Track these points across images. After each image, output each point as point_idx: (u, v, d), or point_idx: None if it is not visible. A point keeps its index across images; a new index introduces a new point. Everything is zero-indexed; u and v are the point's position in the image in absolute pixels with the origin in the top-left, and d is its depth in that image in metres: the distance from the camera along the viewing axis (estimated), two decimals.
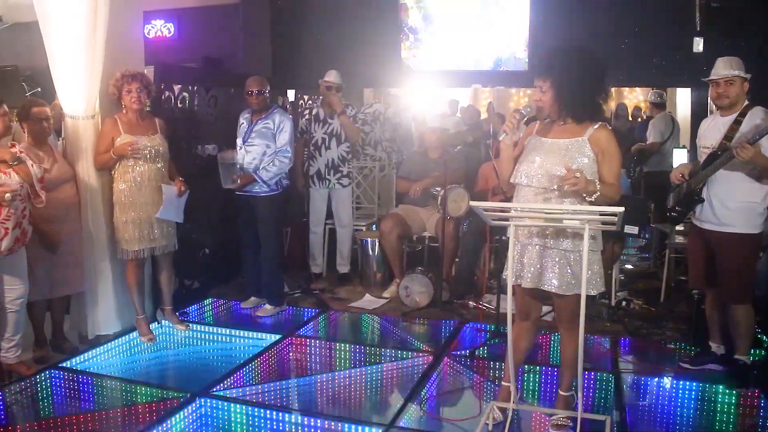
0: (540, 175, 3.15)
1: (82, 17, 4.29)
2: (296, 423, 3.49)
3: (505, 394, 3.47)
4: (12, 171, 3.76)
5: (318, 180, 5.99)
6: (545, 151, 3.20)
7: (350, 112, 6.01)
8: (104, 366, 4.35)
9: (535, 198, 3.17)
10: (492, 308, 5.21)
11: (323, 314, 5.31)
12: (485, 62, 8.06)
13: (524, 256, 3.23)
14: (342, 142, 5.99)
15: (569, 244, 3.13)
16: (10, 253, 3.81)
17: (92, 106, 4.51)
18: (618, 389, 3.92)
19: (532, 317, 3.46)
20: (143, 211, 4.49)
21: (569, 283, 3.15)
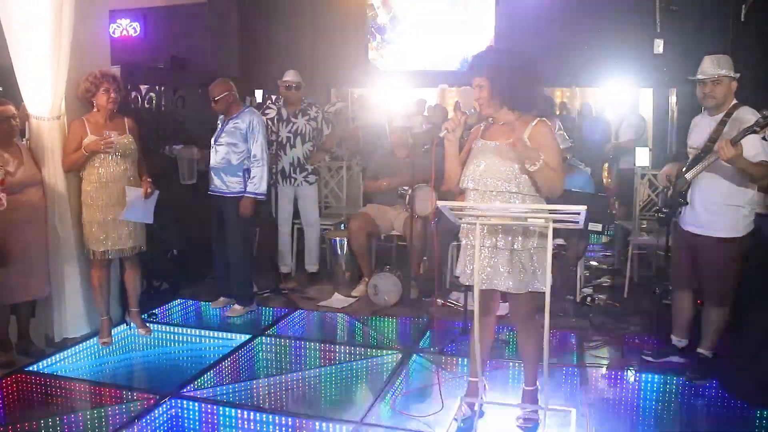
0: (486, 178, 3.23)
1: (47, 16, 4.23)
2: (267, 422, 3.51)
3: (473, 389, 3.54)
4: None
5: (283, 178, 6.00)
6: (490, 154, 3.27)
7: (313, 113, 6.05)
8: (72, 369, 4.32)
9: (482, 201, 3.24)
10: (459, 305, 5.29)
11: (293, 314, 5.32)
12: (452, 62, 8.15)
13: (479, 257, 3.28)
14: (306, 141, 6.02)
15: (519, 244, 3.20)
16: None
17: (58, 107, 4.46)
18: (584, 383, 4.01)
19: (492, 313, 3.53)
20: (109, 212, 4.46)
21: (521, 282, 3.22)
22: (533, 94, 3.33)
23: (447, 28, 7.97)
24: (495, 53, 3.35)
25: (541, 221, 3.08)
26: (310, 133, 6.03)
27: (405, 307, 5.37)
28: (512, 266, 3.21)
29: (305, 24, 8.18)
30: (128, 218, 4.49)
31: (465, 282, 3.40)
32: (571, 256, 5.34)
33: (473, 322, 3.29)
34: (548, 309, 3.06)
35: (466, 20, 7.96)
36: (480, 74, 3.21)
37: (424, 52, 8.13)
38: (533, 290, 3.25)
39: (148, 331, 4.83)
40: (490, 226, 3.18)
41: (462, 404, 3.50)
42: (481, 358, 3.41)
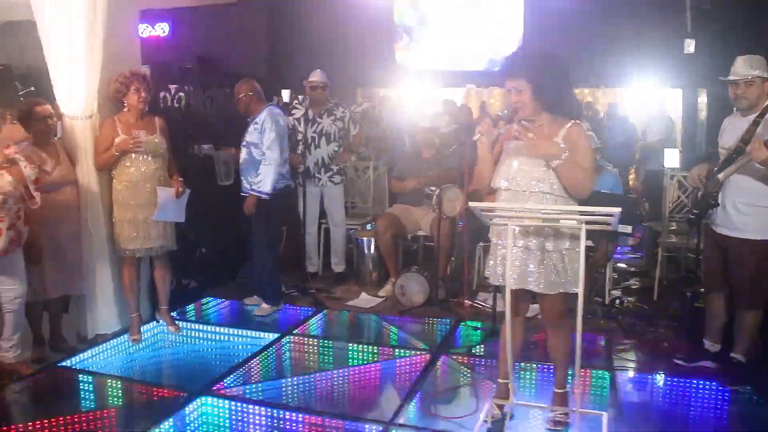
0: (518, 179, 3.21)
1: (81, 17, 4.29)
2: (296, 421, 3.52)
3: (502, 391, 3.52)
4: (5, 172, 3.77)
5: (308, 178, 6.02)
6: (522, 155, 3.24)
7: (340, 113, 6.06)
8: (103, 365, 4.36)
9: (515, 201, 3.22)
10: (487, 306, 5.27)
11: (320, 313, 5.34)
12: (479, 62, 8.12)
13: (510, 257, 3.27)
14: (332, 141, 6.03)
15: (551, 245, 3.18)
16: (5, 254, 3.83)
17: (90, 107, 4.51)
18: (613, 386, 3.98)
19: (521, 314, 3.51)
20: (140, 211, 4.50)
21: (553, 283, 3.20)
22: (570, 96, 3.30)
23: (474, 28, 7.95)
24: (533, 55, 3.29)
25: (573, 223, 3.06)
26: (335, 134, 6.04)
27: (432, 307, 5.36)
28: (544, 267, 3.19)
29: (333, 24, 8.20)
30: (160, 218, 4.53)
31: (495, 282, 3.39)
32: (600, 257, 5.29)
33: (503, 323, 3.28)
34: (581, 311, 3.04)
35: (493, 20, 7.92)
36: (519, 77, 3.18)
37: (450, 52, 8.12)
38: (564, 292, 3.23)
39: (177, 329, 4.88)
40: (522, 227, 3.17)
41: (492, 406, 3.48)
42: (511, 359, 3.39)
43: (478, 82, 8.84)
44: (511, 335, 3.33)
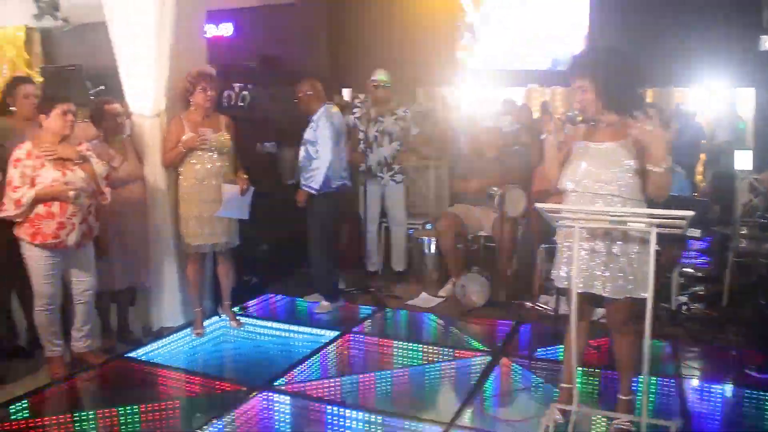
0: (586, 181, 3.14)
1: (150, 18, 4.39)
2: (356, 419, 3.52)
3: (565, 396, 3.45)
4: (78, 168, 3.89)
5: (370, 177, 6.03)
6: (590, 156, 3.18)
7: (401, 113, 6.05)
8: (167, 357, 4.46)
9: (582, 203, 3.15)
10: (549, 309, 5.18)
11: (380, 312, 5.34)
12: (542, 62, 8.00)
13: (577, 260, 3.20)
14: (394, 140, 6.03)
15: (619, 249, 3.10)
16: (77, 247, 3.96)
17: (158, 105, 4.62)
18: (681, 395, 3.85)
19: (586, 318, 3.44)
20: (205, 207, 4.58)
21: (622, 288, 3.12)
22: (637, 96, 3.23)
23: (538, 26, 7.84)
24: (599, 53, 3.21)
25: (641, 225, 2.98)
26: (397, 133, 6.04)
27: (493, 308, 5.30)
28: (611, 271, 3.12)
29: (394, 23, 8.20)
30: (225, 215, 4.60)
31: (560, 285, 3.32)
32: (666, 262, 5.14)
33: (567, 327, 3.21)
34: (650, 316, 2.96)
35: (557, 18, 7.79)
36: (584, 75, 3.11)
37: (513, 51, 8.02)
38: (631, 296, 3.14)
39: (239, 324, 4.95)
40: (589, 229, 3.10)
41: (554, 411, 3.42)
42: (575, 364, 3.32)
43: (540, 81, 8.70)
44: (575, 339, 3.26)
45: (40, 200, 3.77)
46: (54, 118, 3.84)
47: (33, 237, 3.80)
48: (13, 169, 3.76)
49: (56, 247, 3.84)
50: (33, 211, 3.78)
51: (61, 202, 3.80)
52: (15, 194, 3.73)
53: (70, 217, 3.84)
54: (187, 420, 3.64)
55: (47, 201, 3.78)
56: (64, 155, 3.87)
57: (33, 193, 3.74)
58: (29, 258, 3.88)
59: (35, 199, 3.75)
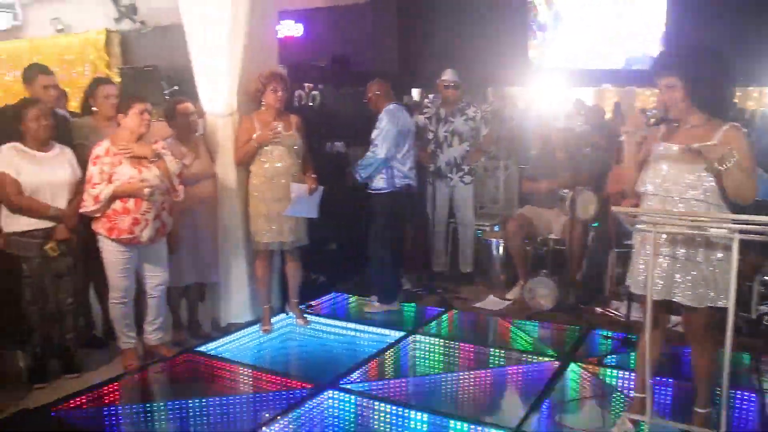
0: (668, 184, 3.02)
1: (224, 20, 4.46)
2: (420, 420, 3.49)
3: (637, 405, 3.34)
4: (153, 166, 3.99)
5: (439, 177, 5.99)
6: (673, 158, 3.05)
7: (472, 113, 5.99)
8: (235, 353, 4.52)
9: (662, 207, 3.03)
10: (620, 315, 5.04)
11: (446, 313, 5.29)
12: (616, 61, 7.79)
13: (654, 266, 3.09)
14: (464, 140, 5.98)
15: (701, 255, 2.98)
16: (151, 242, 4.07)
17: (230, 105, 4.70)
18: (761, 410, 3.67)
19: (661, 326, 3.32)
20: (273, 205, 4.63)
21: (702, 296, 3.00)
22: (727, 96, 3.08)
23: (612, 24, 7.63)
24: (689, 49, 3.08)
25: (723, 231, 2.85)
26: (467, 133, 5.98)
27: (561, 313, 5.19)
28: (691, 278, 3.00)
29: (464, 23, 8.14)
30: (293, 214, 4.63)
31: (636, 291, 3.21)
32: (747, 270, 4.93)
33: (640, 334, 3.11)
34: (731, 326, 2.83)
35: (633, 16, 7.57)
36: (671, 74, 2.99)
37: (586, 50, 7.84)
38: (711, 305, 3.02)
39: (306, 322, 4.98)
40: (669, 235, 2.98)
41: (625, 421, 3.31)
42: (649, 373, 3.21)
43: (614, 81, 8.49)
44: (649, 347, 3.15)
45: (116, 196, 3.89)
46: (131, 118, 3.96)
47: (109, 232, 3.93)
48: (92, 166, 3.90)
49: (131, 242, 3.96)
50: (110, 207, 3.91)
51: (136, 198, 3.91)
52: (94, 190, 3.86)
53: (144, 213, 3.95)
54: (253, 416, 3.68)
55: (123, 197, 3.90)
56: (140, 153, 3.98)
57: (110, 190, 3.86)
58: (105, 252, 4.01)
59: (112, 195, 3.87)
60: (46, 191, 3.90)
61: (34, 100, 4.08)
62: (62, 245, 3.94)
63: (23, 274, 3.90)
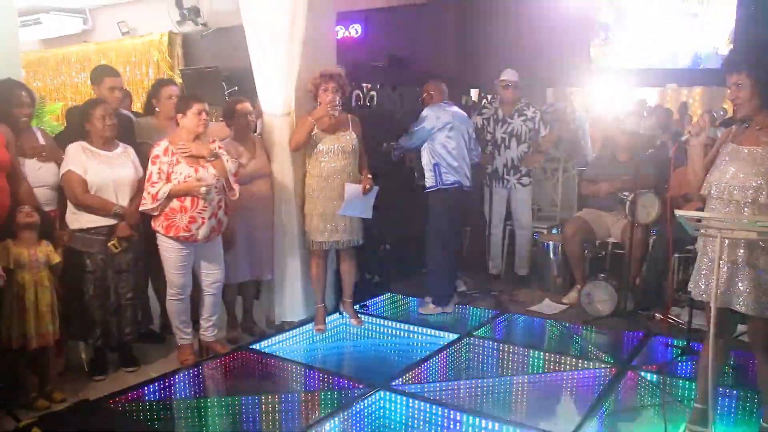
0: (732, 187, 2.91)
1: (284, 21, 4.49)
2: (472, 424, 3.45)
3: (698, 417, 3.22)
4: (210, 165, 4.05)
5: (496, 180, 5.92)
6: (740, 160, 2.93)
7: (531, 113, 5.91)
8: (289, 351, 4.57)
9: (726, 211, 2.92)
10: (681, 322, 4.89)
11: (501, 316, 5.23)
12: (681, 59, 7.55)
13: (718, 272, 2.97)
14: (522, 142, 5.90)
15: (764, 262, 2.86)
16: (207, 240, 4.12)
17: (288, 104, 4.73)
18: None
19: (726, 335, 3.19)
20: (328, 205, 4.64)
21: (762, 304, 2.88)
22: None
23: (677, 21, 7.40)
24: (759, 47, 2.94)
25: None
26: (525, 134, 5.91)
27: (620, 318, 5.07)
28: (753, 286, 2.88)
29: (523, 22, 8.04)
30: (347, 213, 4.64)
31: (698, 298, 3.10)
32: None
33: (704, 343, 3.00)
34: None
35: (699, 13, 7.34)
36: (740, 70, 2.87)
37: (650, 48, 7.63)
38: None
39: (359, 322, 4.99)
40: (731, 240, 2.87)
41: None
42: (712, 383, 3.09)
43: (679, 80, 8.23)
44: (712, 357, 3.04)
45: (174, 195, 3.96)
46: (189, 118, 4.03)
47: (167, 229, 4.00)
48: (151, 165, 3.98)
49: (187, 239, 4.03)
50: (168, 206, 3.98)
51: (192, 197, 3.98)
52: (152, 189, 3.95)
53: (200, 212, 4.01)
54: (304, 414, 3.69)
55: (180, 196, 3.97)
56: (198, 153, 4.04)
57: (168, 189, 3.94)
58: (163, 249, 4.09)
59: (170, 194, 3.95)
60: (110, 189, 3.99)
61: (99, 100, 4.18)
62: (124, 242, 4.03)
63: (86, 270, 4.00)
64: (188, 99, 4.19)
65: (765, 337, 3.01)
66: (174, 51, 9.14)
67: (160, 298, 4.63)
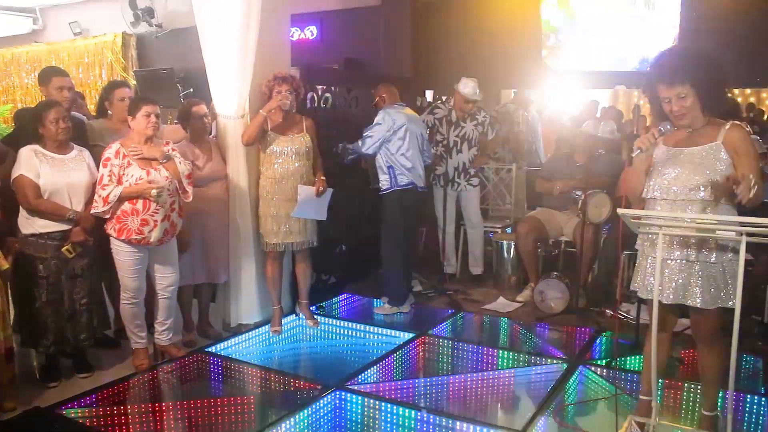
0: (676, 187, 3.01)
1: (237, 23, 4.49)
2: (426, 422, 3.50)
3: (644, 408, 3.33)
4: (162, 167, 4.04)
5: (447, 182, 5.99)
6: (680, 162, 3.04)
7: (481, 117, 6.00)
8: (245, 353, 4.57)
9: (671, 211, 3.02)
10: (630, 318, 5.02)
11: (456, 315, 5.30)
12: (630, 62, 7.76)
13: (663, 269, 3.08)
14: (473, 146, 5.99)
15: (714, 257, 2.96)
16: (159, 243, 4.10)
17: (242, 107, 4.73)
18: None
19: (669, 329, 3.32)
20: (283, 206, 4.65)
21: (714, 298, 2.99)
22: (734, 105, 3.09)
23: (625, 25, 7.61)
24: (696, 56, 3.02)
25: (731, 234, 2.84)
26: (476, 138, 6.00)
27: (572, 315, 5.18)
28: (704, 280, 2.99)
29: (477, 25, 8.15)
30: (300, 215, 4.66)
31: (644, 295, 3.20)
32: (760, 272, 4.90)
33: (648, 337, 3.10)
34: (737, 327, 2.81)
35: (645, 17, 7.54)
36: (684, 81, 2.94)
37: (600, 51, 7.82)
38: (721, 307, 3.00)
39: (315, 323, 5.01)
40: (680, 238, 2.98)
41: (631, 423, 3.30)
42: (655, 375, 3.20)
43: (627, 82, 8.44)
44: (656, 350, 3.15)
45: (125, 198, 3.94)
46: (139, 120, 4.01)
47: (119, 232, 3.98)
48: (102, 167, 3.95)
49: (140, 242, 4.00)
50: (119, 209, 3.96)
51: (144, 199, 3.95)
52: (103, 192, 3.91)
53: (152, 214, 3.98)
54: (261, 416, 3.71)
55: (132, 198, 3.95)
56: (149, 155, 4.02)
57: (119, 191, 3.91)
58: (116, 252, 4.06)
59: (121, 196, 3.92)
60: (64, 193, 3.94)
61: (52, 102, 4.11)
62: (78, 247, 3.99)
63: (39, 275, 3.94)
64: (137, 101, 4.16)
65: (709, 329, 3.13)
66: (128, 52, 9.01)
67: (114, 302, 4.59)
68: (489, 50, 7.93)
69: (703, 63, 2.98)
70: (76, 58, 9.44)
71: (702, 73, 2.94)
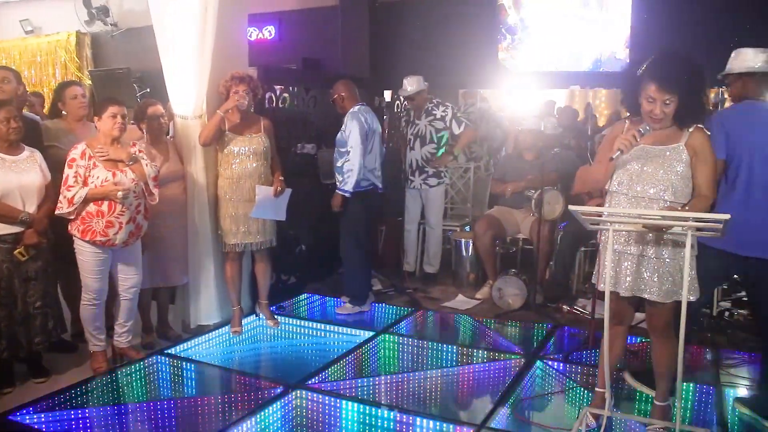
0: (637, 184, 3.11)
1: (194, 23, 4.47)
2: (387, 418, 3.54)
3: (599, 400, 3.42)
4: (128, 169, 4.01)
5: (405, 180, 6.03)
6: (644, 158, 3.13)
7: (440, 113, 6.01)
8: (205, 354, 4.55)
9: (630, 206, 3.12)
10: (586, 313, 5.13)
11: (416, 313, 5.35)
12: (584, 63, 7.92)
13: (621, 263, 3.17)
14: (426, 143, 6.00)
15: (669, 253, 3.06)
16: (125, 245, 4.07)
17: (200, 107, 4.71)
18: (719, 403, 3.77)
19: (626, 323, 3.42)
20: (241, 207, 4.64)
21: (669, 291, 3.09)
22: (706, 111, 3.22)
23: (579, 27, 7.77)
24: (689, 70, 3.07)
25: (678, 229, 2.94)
26: (431, 135, 5.99)
27: (529, 311, 5.27)
28: (659, 275, 3.09)
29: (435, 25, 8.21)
30: (259, 216, 4.65)
31: (602, 289, 3.27)
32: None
33: (602, 331, 3.19)
34: (684, 320, 2.91)
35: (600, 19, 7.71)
36: (673, 90, 3.01)
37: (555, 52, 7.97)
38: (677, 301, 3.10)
39: (276, 323, 5.01)
40: (637, 234, 3.07)
41: (586, 415, 3.39)
42: (609, 368, 3.29)
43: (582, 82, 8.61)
44: (611, 344, 3.24)
45: (90, 199, 3.91)
46: (104, 120, 3.98)
47: (83, 233, 3.93)
48: (68, 168, 3.91)
49: (104, 244, 3.97)
50: (84, 210, 3.92)
51: (110, 201, 3.92)
52: (69, 193, 3.88)
53: (117, 216, 3.95)
54: (222, 416, 3.70)
55: (97, 200, 3.92)
56: (116, 156, 3.99)
57: (84, 192, 3.88)
58: (79, 253, 4.01)
59: (86, 197, 3.89)
60: (16, 195, 3.86)
61: (2, 102, 4.03)
62: (32, 249, 3.92)
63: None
64: (103, 101, 4.13)
65: (663, 323, 3.23)
66: (82, 51, 8.89)
67: (70, 304, 4.53)
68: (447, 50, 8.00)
69: (694, 77, 3.05)
70: (28, 57, 9.28)
71: (693, 90, 3.04)
